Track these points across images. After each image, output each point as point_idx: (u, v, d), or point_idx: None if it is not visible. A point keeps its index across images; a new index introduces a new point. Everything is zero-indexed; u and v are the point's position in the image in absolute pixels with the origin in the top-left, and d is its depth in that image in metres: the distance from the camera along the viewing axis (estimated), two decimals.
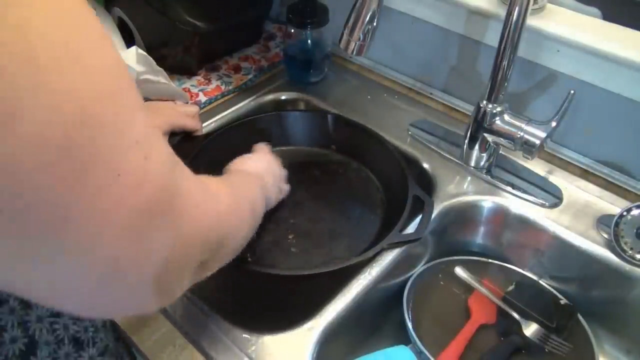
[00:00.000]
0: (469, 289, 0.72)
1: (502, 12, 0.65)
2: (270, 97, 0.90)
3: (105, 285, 0.28)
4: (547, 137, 0.66)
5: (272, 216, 0.70)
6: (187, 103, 0.84)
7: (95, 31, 0.25)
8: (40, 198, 0.23)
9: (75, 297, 0.29)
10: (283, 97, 0.91)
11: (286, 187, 0.72)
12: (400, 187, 0.70)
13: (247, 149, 0.81)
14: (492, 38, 0.76)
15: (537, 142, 0.66)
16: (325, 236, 0.70)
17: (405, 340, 0.64)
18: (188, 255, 0.33)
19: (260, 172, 0.64)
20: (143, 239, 0.28)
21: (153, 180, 0.27)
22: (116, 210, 0.25)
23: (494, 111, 0.69)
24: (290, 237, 0.70)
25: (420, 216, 0.68)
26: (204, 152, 0.75)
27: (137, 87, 0.28)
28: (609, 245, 0.66)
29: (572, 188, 0.73)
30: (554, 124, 0.66)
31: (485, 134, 0.71)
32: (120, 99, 0.26)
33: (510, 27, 0.63)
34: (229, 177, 0.58)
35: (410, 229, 0.67)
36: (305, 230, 0.71)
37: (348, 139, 0.81)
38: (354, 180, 0.79)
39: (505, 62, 0.65)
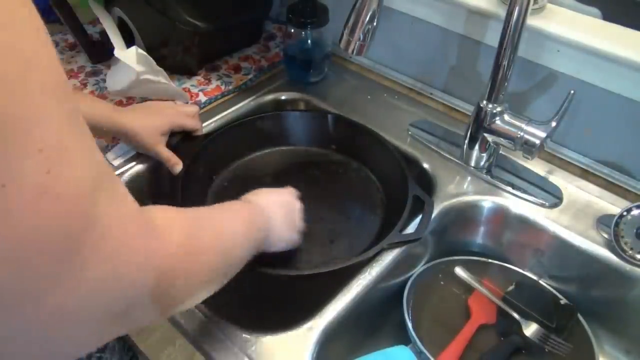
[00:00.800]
0: (469, 289, 0.72)
1: (502, 12, 0.65)
2: (270, 97, 0.90)
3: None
4: (547, 137, 0.66)
5: None
6: (187, 103, 0.84)
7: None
8: None
9: None
10: (283, 97, 0.91)
11: (297, 238, 0.62)
12: (400, 187, 0.70)
13: (247, 149, 0.81)
14: (492, 38, 0.76)
15: (537, 142, 0.66)
16: (325, 236, 0.70)
17: (405, 340, 0.64)
18: (111, 296, 0.27)
19: (267, 207, 0.56)
20: (36, 272, 0.22)
21: (55, 202, 0.22)
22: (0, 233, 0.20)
23: (494, 111, 0.69)
24: None
25: (420, 216, 0.68)
26: (204, 152, 0.75)
27: (136, 87, 0.25)
28: (609, 245, 0.66)
29: (572, 188, 0.73)
30: (554, 124, 0.66)
31: (485, 134, 0.71)
32: (22, 94, 0.21)
33: (510, 27, 0.63)
34: (205, 209, 0.47)
35: (410, 229, 0.67)
36: (305, 230, 0.71)
37: (348, 139, 0.81)
38: (354, 180, 0.79)
39: (505, 62, 0.65)
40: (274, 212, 0.56)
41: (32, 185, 0.21)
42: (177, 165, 0.72)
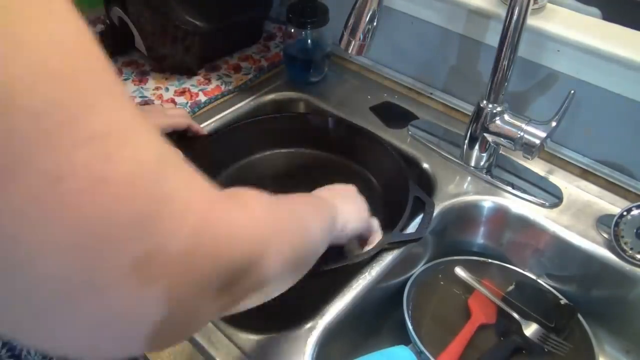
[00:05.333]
0: (469, 289, 0.72)
1: (502, 12, 0.65)
2: (270, 97, 0.90)
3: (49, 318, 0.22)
4: (547, 137, 0.66)
5: None
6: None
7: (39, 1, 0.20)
8: None
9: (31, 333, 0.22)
10: (283, 97, 0.91)
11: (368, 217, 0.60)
12: (401, 188, 0.70)
13: (247, 150, 0.81)
14: (492, 38, 0.76)
15: (537, 142, 0.66)
16: None
17: (405, 340, 0.64)
18: (193, 279, 0.25)
19: (333, 198, 0.55)
20: (112, 256, 0.21)
21: (116, 188, 0.21)
22: (59, 224, 0.20)
23: (494, 111, 0.69)
24: None
25: (420, 216, 0.68)
26: (204, 153, 0.75)
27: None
28: (609, 245, 0.66)
29: (572, 188, 0.73)
30: (554, 124, 0.66)
31: (485, 134, 0.71)
32: (68, 83, 0.20)
33: (510, 27, 0.63)
34: (281, 196, 0.43)
35: (410, 229, 0.67)
36: None
37: (348, 140, 0.81)
38: (355, 182, 0.78)
39: (505, 62, 0.65)
40: (337, 198, 0.56)
41: (89, 174, 0.20)
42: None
